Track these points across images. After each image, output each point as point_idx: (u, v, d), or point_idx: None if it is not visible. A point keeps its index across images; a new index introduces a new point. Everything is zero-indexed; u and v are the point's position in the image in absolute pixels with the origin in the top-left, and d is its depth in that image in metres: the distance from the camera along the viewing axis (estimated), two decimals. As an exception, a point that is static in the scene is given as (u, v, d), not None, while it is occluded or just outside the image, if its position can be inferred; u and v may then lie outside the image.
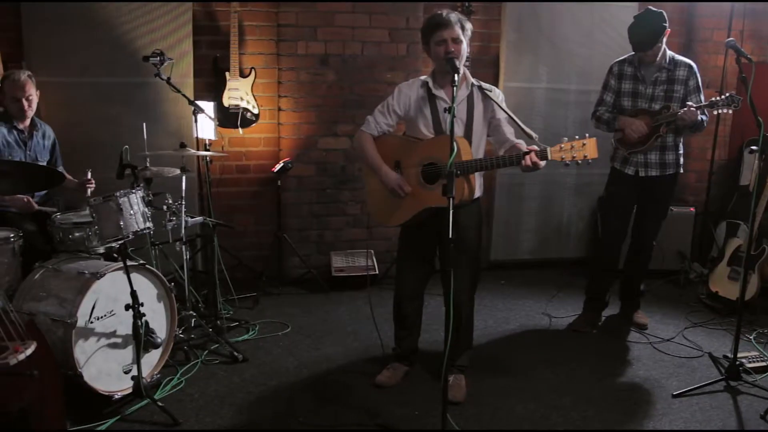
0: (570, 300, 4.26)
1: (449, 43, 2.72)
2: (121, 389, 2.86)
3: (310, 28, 4.27)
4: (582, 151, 2.48)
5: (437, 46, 2.76)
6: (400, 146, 2.93)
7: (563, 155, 2.52)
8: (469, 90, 2.86)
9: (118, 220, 3.03)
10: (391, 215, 2.97)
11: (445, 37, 2.72)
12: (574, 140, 2.51)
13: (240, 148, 4.43)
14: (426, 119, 2.87)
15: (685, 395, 3.03)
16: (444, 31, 2.72)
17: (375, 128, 2.97)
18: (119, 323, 2.88)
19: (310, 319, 3.90)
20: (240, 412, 2.85)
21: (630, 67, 3.57)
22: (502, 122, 2.89)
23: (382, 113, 2.96)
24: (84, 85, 4.07)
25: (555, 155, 2.55)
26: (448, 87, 2.83)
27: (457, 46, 2.73)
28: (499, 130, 2.90)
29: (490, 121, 2.91)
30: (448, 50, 2.72)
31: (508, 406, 2.93)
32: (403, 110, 2.93)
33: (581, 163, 2.52)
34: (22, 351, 1.84)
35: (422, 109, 2.88)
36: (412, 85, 2.94)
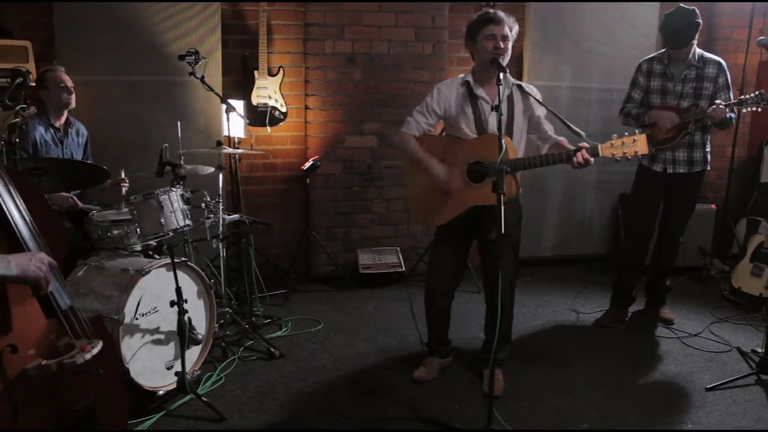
0: (595, 296, 4.30)
1: (498, 38, 2.73)
2: (165, 385, 2.89)
3: (337, 27, 4.30)
4: (633, 147, 2.53)
5: (486, 40, 2.76)
6: (443, 145, 2.94)
7: (614, 152, 2.56)
8: (509, 89, 2.88)
9: (159, 218, 3.06)
10: (434, 214, 2.97)
11: (495, 33, 2.74)
12: (625, 136, 2.54)
13: (267, 146, 4.46)
14: (467, 118, 2.88)
15: (718, 389, 3.08)
16: (495, 27, 2.74)
17: (416, 128, 2.97)
18: (162, 320, 2.91)
19: (340, 316, 3.94)
20: (282, 407, 2.88)
21: (659, 64, 3.60)
22: (542, 119, 2.92)
23: (422, 113, 2.96)
24: (114, 84, 4.10)
25: (606, 152, 2.58)
26: (488, 85, 2.86)
27: (505, 43, 2.75)
28: (540, 127, 2.93)
29: (530, 119, 2.94)
30: (497, 45, 2.73)
31: (545, 400, 2.97)
32: (442, 110, 2.93)
33: (630, 158, 2.55)
34: (89, 350, 1.86)
35: (463, 108, 2.89)
36: (451, 84, 2.94)
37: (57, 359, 1.78)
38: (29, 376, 1.76)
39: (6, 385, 1.70)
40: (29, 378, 1.76)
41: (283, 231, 4.59)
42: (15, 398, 1.72)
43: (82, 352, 1.83)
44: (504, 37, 2.75)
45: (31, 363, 1.77)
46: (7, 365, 1.71)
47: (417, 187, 3.01)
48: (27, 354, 1.78)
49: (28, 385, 1.76)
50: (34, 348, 1.81)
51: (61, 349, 1.87)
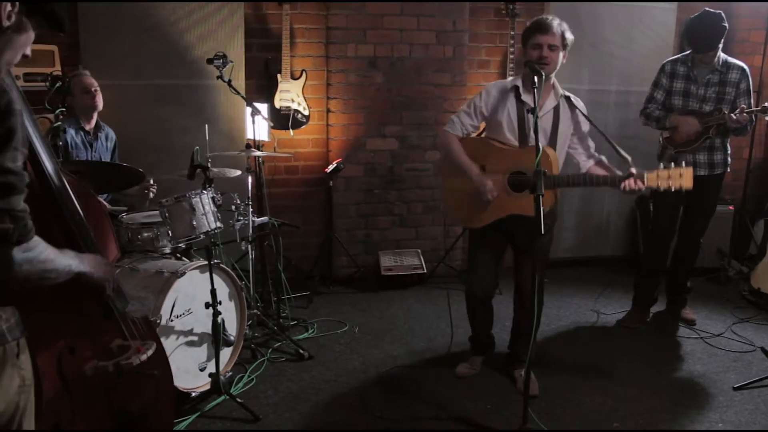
0: (615, 297, 4.33)
1: (544, 48, 2.72)
2: (198, 386, 2.92)
3: (359, 31, 4.33)
4: (679, 181, 2.53)
5: (532, 49, 2.75)
6: (487, 151, 2.91)
7: (660, 183, 2.56)
8: (557, 101, 2.86)
9: (191, 220, 3.07)
10: (471, 217, 2.98)
11: (541, 42, 2.72)
12: (671, 169, 2.53)
13: (289, 149, 4.48)
14: (511, 123, 2.86)
15: (746, 388, 3.10)
16: (542, 36, 2.72)
17: (460, 129, 2.97)
18: (196, 321, 2.94)
19: (365, 318, 3.96)
20: (315, 407, 2.91)
21: (683, 66, 3.63)
22: (587, 135, 2.89)
23: (468, 114, 2.95)
24: (137, 88, 4.13)
25: (651, 182, 2.58)
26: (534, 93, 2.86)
27: (551, 53, 2.73)
28: (585, 143, 2.91)
29: (575, 134, 2.91)
30: (541, 55, 2.71)
31: (576, 400, 2.99)
32: (489, 112, 2.91)
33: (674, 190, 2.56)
34: (145, 351, 1.87)
35: (509, 112, 2.87)
36: (501, 87, 2.92)
37: (114, 360, 1.80)
38: (87, 376, 1.77)
39: (65, 385, 1.71)
40: (86, 378, 1.78)
41: (305, 233, 4.61)
42: (73, 398, 1.74)
43: (138, 353, 1.85)
44: (551, 46, 2.73)
45: (88, 364, 1.79)
46: (65, 366, 1.73)
47: (455, 188, 3.00)
48: (84, 355, 1.80)
49: (85, 385, 1.78)
50: (90, 349, 1.84)
51: (115, 351, 1.88)
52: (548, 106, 2.86)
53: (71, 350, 1.77)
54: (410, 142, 4.54)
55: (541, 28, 2.75)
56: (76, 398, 1.75)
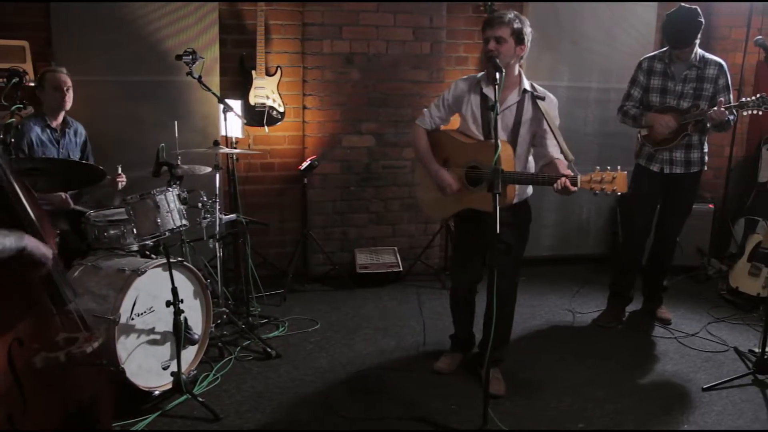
0: (592, 296, 4.30)
1: (491, 41, 2.74)
2: (160, 385, 2.89)
3: (335, 27, 4.29)
4: (611, 185, 2.46)
5: (484, 43, 2.78)
6: (450, 144, 2.96)
7: (592, 185, 2.50)
8: (519, 96, 2.84)
9: (155, 218, 3.04)
10: (435, 210, 3.06)
11: (488, 36, 2.75)
12: (605, 172, 2.48)
13: (265, 146, 4.45)
14: (475, 117, 2.88)
15: (715, 389, 3.08)
16: (488, 30, 2.75)
17: (429, 122, 3.00)
18: (158, 320, 2.91)
19: (338, 316, 3.94)
20: (279, 407, 2.88)
21: (660, 63, 3.60)
22: (547, 133, 2.82)
23: (437, 107, 2.99)
24: (111, 84, 4.10)
25: (584, 185, 2.52)
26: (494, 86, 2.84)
27: (499, 45, 2.73)
28: (543, 141, 2.84)
29: (536, 131, 2.87)
30: (488, 49, 2.74)
31: (543, 400, 2.97)
32: (456, 105, 2.95)
33: (610, 194, 2.50)
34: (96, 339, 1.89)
35: (472, 106, 2.89)
36: (470, 81, 2.93)
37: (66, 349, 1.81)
38: (37, 368, 1.79)
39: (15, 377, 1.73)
40: (37, 370, 1.79)
41: (281, 231, 4.58)
42: (24, 390, 1.75)
43: (89, 341, 1.85)
44: (498, 38, 2.74)
45: (38, 356, 1.80)
46: (15, 358, 1.74)
47: (423, 180, 3.07)
48: (32, 347, 1.81)
49: (36, 377, 1.79)
50: (38, 342, 1.84)
51: (61, 344, 1.88)
52: (511, 100, 2.84)
53: (20, 342, 1.78)
54: (387, 139, 4.50)
55: (487, 23, 2.78)
56: (27, 390, 1.76)
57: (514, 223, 2.93)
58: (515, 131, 2.85)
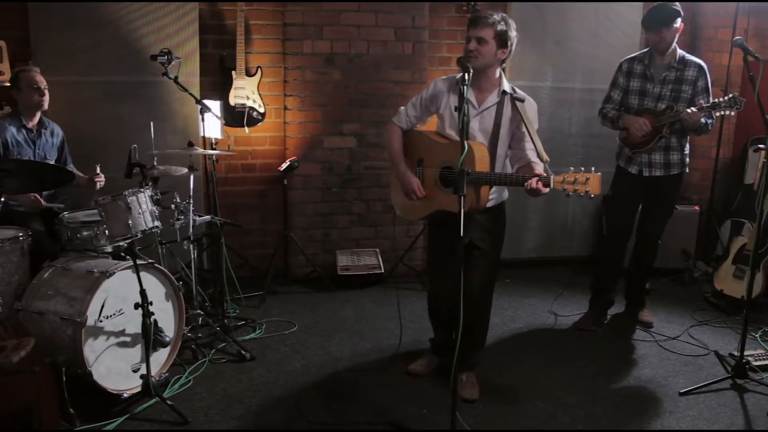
0: (576, 298, 4.26)
1: (472, 41, 2.70)
2: (130, 388, 2.87)
3: (316, 27, 4.27)
4: (584, 186, 2.41)
5: (465, 43, 2.74)
6: (425, 144, 2.91)
7: (566, 186, 2.45)
8: (499, 98, 2.80)
9: (127, 219, 3.04)
10: (409, 211, 3.01)
11: (470, 35, 2.70)
12: (579, 173, 2.43)
13: (246, 147, 4.43)
14: (452, 118, 2.83)
15: (692, 393, 3.05)
16: (471, 29, 2.70)
17: (405, 121, 2.96)
18: (128, 322, 2.89)
19: (316, 318, 3.91)
20: (249, 410, 2.86)
21: (640, 64, 3.57)
22: (525, 136, 2.77)
23: (414, 106, 2.95)
24: (91, 84, 4.08)
25: (558, 185, 2.48)
26: (476, 88, 2.80)
27: (479, 46, 2.69)
28: (521, 144, 2.80)
29: (514, 132, 2.83)
30: (468, 48, 2.70)
31: (516, 405, 2.94)
32: (433, 105, 2.90)
33: (584, 196, 2.44)
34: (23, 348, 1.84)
35: (450, 107, 2.84)
36: (450, 81, 2.88)
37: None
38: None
39: None
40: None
41: (263, 232, 4.56)
42: None
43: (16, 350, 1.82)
44: (480, 39, 2.69)
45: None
46: None
47: (395, 180, 3.03)
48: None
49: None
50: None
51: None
52: (490, 101, 2.80)
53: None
54: (369, 140, 4.47)
55: (471, 21, 2.73)
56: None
57: (489, 226, 2.90)
58: (495, 133, 2.81)
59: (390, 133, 2.99)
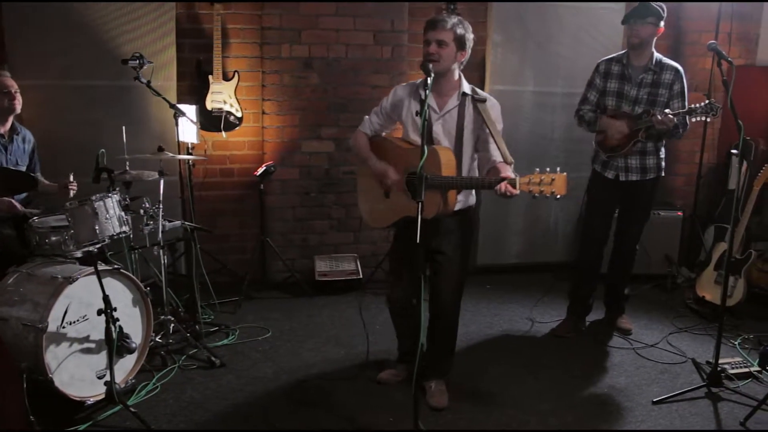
0: (555, 304, 4.21)
1: (432, 44, 2.67)
2: (94, 395, 2.84)
3: (293, 31, 4.24)
4: (550, 187, 2.37)
5: (425, 45, 2.71)
6: (391, 151, 2.88)
7: (531, 188, 2.41)
8: (459, 100, 2.77)
9: (94, 225, 3.01)
10: (376, 218, 2.97)
11: (430, 38, 2.67)
12: (544, 174, 2.39)
13: (224, 151, 4.41)
14: (415, 123, 2.80)
15: (666, 402, 3.00)
16: (431, 32, 2.67)
17: (369, 128, 2.95)
18: (92, 328, 2.86)
19: (291, 324, 3.87)
20: (214, 417, 2.83)
21: (618, 65, 3.54)
22: (490, 138, 2.72)
23: (377, 113, 2.94)
24: (66, 89, 4.05)
25: (523, 187, 2.43)
26: (436, 92, 2.77)
27: (440, 49, 2.66)
28: (486, 146, 2.76)
29: (478, 135, 2.79)
30: (429, 51, 2.66)
31: (486, 413, 2.90)
32: (395, 112, 2.87)
33: (550, 197, 2.40)
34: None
35: (412, 113, 2.81)
36: (410, 87, 2.86)
37: None
38: None
39: None
40: None
41: (241, 237, 4.53)
42: None
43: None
44: (441, 42, 2.67)
45: None
46: None
47: (363, 188, 3.01)
48: None
49: None
50: None
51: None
52: (451, 104, 2.77)
53: None
54: (347, 144, 4.42)
55: (430, 24, 2.70)
56: None
57: (456, 230, 2.86)
58: (459, 136, 2.77)
59: (357, 139, 2.98)
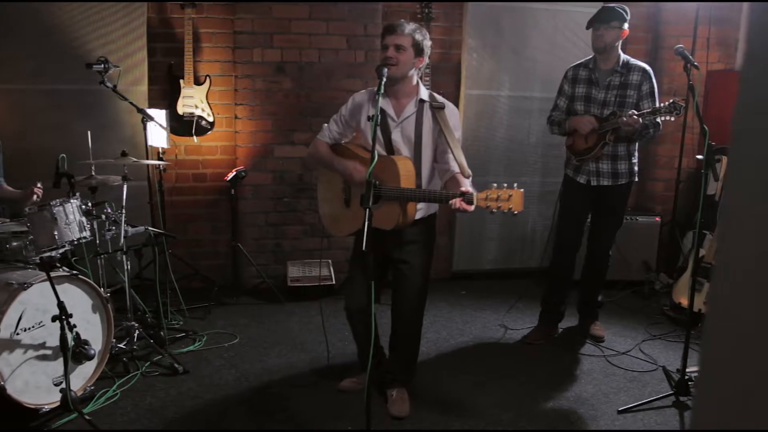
0: (529, 311, 4.16)
1: (390, 48, 2.64)
2: (50, 402, 2.80)
3: (265, 35, 4.21)
4: (507, 203, 2.34)
5: (382, 51, 2.68)
6: (350, 159, 2.83)
7: (489, 203, 2.37)
8: (417, 106, 2.72)
9: (53, 230, 2.98)
10: (338, 226, 2.93)
11: (388, 43, 2.64)
12: (502, 189, 2.36)
13: (197, 156, 4.38)
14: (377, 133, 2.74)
15: (631, 411, 2.95)
16: (389, 36, 2.65)
17: (328, 136, 2.91)
18: (49, 335, 2.82)
19: (260, 330, 3.84)
20: (170, 425, 2.79)
21: (585, 70, 3.51)
22: (448, 147, 2.66)
23: (336, 121, 2.89)
24: (36, 92, 4.04)
25: (481, 203, 2.39)
26: (395, 98, 2.74)
27: (398, 54, 2.63)
28: (445, 156, 2.70)
29: (438, 143, 2.74)
30: (387, 56, 2.63)
31: (446, 422, 2.85)
32: (354, 119, 2.83)
33: (507, 213, 2.36)
34: None
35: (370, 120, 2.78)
36: (368, 94, 2.82)
37: None
38: None
39: None
40: None
41: (214, 242, 4.50)
42: None
43: None
44: (398, 46, 2.64)
45: None
46: None
47: (324, 196, 2.98)
48: None
49: None
50: None
51: None
52: (408, 111, 2.73)
53: None
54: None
55: (388, 29, 2.67)
56: None
57: (418, 239, 2.83)
58: (418, 144, 2.73)
59: (316, 145, 2.94)
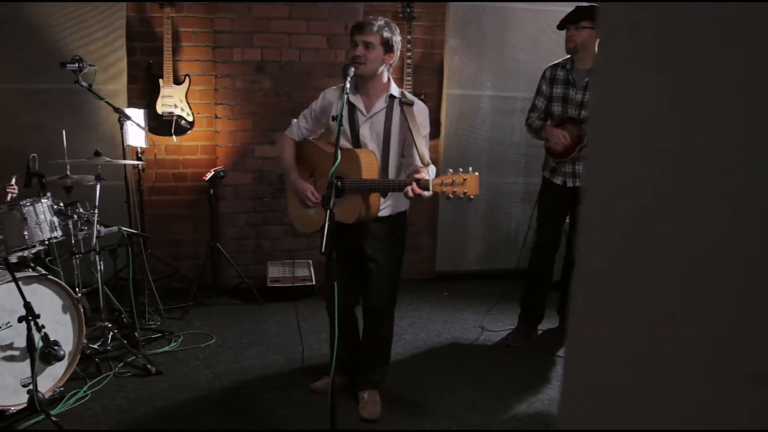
0: (509, 312, 4.12)
1: (359, 46, 2.62)
2: (17, 403, 2.78)
3: (245, 35, 4.19)
4: (462, 188, 2.31)
5: (351, 48, 2.67)
6: (317, 155, 2.83)
7: (444, 189, 2.35)
8: (387, 102, 2.72)
9: (23, 230, 2.97)
10: (304, 224, 2.91)
11: (357, 40, 2.63)
12: (457, 174, 2.34)
13: (177, 156, 4.36)
14: (343, 128, 2.73)
15: (605, 413, 2.93)
16: (357, 34, 2.63)
17: (296, 132, 2.89)
18: (17, 335, 2.80)
19: (237, 331, 3.82)
20: (140, 426, 2.77)
21: (563, 71, 3.49)
22: (415, 142, 2.64)
23: (305, 117, 2.88)
24: (14, 92, 4.03)
25: (437, 188, 2.38)
26: (365, 94, 2.73)
27: (366, 51, 2.62)
28: (410, 150, 2.69)
29: (405, 138, 2.73)
30: (356, 54, 2.62)
31: (418, 425, 2.83)
32: (324, 116, 2.82)
33: (463, 198, 2.34)
34: None
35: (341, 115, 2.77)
36: (337, 91, 2.81)
37: None
38: None
39: None
40: None
41: (194, 242, 4.48)
42: None
43: None
44: (367, 44, 2.63)
45: None
46: None
47: (291, 195, 2.96)
48: None
49: None
50: None
51: None
52: (378, 107, 2.72)
53: None
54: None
55: (356, 27, 2.66)
56: None
57: (387, 237, 2.80)
58: (386, 139, 2.72)
59: (282, 145, 2.92)
